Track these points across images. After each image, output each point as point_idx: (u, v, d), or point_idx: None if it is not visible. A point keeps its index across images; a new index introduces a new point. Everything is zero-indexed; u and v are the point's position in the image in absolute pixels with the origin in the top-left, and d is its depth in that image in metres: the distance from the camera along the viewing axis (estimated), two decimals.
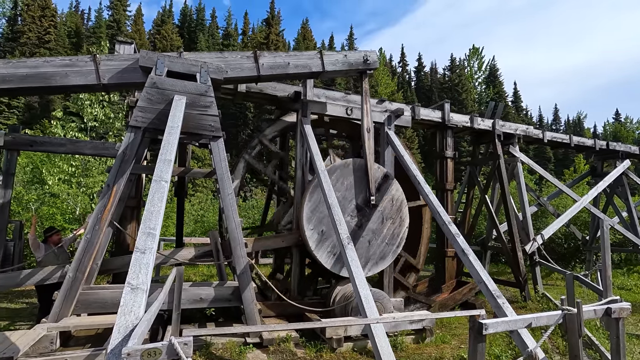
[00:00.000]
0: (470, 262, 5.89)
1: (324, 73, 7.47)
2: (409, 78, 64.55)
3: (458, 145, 35.12)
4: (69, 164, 13.89)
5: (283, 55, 7.18)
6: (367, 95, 7.84)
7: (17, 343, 4.59)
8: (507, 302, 5.37)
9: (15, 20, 45.01)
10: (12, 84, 5.55)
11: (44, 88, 5.83)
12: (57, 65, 5.76)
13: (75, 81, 5.82)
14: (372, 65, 7.78)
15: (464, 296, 9.30)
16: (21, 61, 5.67)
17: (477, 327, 3.61)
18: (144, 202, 7.37)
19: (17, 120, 33.03)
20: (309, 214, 7.30)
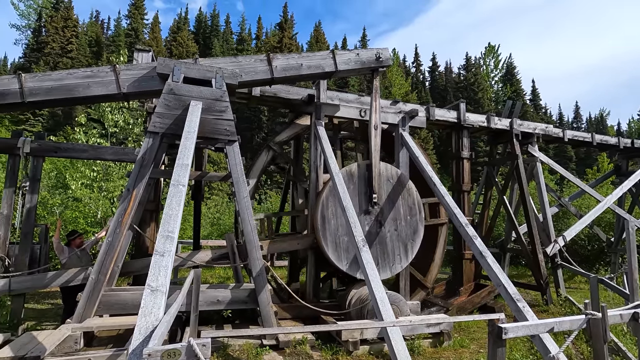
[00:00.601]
0: (489, 264, 5.78)
1: (337, 72, 7.48)
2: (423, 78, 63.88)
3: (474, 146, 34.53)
4: (91, 169, 14.34)
5: (296, 56, 7.24)
6: (377, 93, 7.81)
7: (44, 343, 4.76)
8: (528, 305, 5.24)
9: (40, 31, 46.87)
10: (39, 97, 5.80)
11: (69, 100, 6.07)
12: (79, 77, 5.98)
13: (97, 92, 6.02)
14: (384, 63, 7.74)
15: (483, 299, 9.11)
16: (46, 74, 5.92)
17: (496, 331, 3.54)
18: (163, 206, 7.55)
19: (41, 127, 34.31)
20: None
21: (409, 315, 6.67)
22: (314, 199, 7.91)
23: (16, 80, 5.70)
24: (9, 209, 6.93)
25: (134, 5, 52.01)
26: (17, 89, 5.69)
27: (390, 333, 4.56)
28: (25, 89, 5.71)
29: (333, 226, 7.37)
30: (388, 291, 6.12)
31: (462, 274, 9.81)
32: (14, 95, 5.68)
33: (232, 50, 52.66)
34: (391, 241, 7.75)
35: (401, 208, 7.95)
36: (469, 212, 10.14)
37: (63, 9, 46.47)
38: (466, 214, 9.56)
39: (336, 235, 7.36)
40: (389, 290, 6.56)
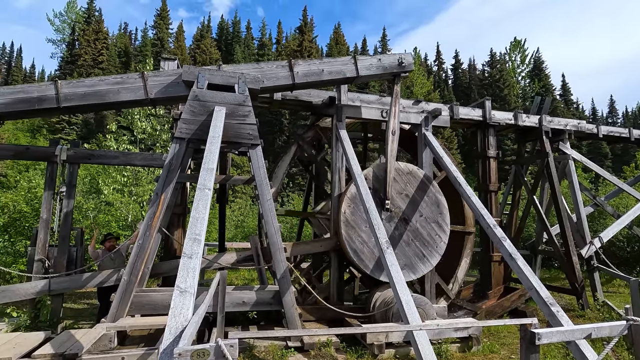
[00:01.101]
0: (519, 267, 5.57)
1: (358, 78, 7.48)
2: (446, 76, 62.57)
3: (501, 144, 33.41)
4: (122, 174, 14.95)
5: (317, 62, 7.28)
6: (397, 97, 7.73)
7: (81, 341, 5.00)
8: (562, 310, 5.00)
9: (73, 44, 49.46)
10: (73, 102, 6.14)
11: (100, 105, 6.38)
12: (110, 83, 6.29)
13: (126, 97, 6.30)
14: (407, 68, 7.68)
15: (513, 303, 8.79)
16: (80, 81, 6.27)
17: (529, 337, 3.40)
18: (189, 209, 7.75)
19: (75, 135, 36.12)
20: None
21: (435, 318, 6.52)
22: (336, 200, 7.91)
23: (53, 87, 6.07)
24: (48, 213, 7.33)
25: (160, 16, 53.97)
26: (54, 94, 6.05)
27: (417, 337, 4.48)
28: (60, 95, 6.07)
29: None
30: (413, 294, 6.01)
31: (491, 277, 9.50)
32: (50, 101, 6.05)
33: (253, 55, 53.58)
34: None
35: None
36: (497, 213, 9.82)
37: (94, 22, 48.85)
38: (494, 215, 9.27)
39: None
40: (414, 293, 6.44)
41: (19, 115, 6.43)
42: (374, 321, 6.78)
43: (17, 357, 4.65)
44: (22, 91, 6.02)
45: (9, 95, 5.92)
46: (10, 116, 6.32)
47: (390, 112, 7.69)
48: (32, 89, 6.09)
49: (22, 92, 6.00)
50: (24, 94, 5.99)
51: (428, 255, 7.66)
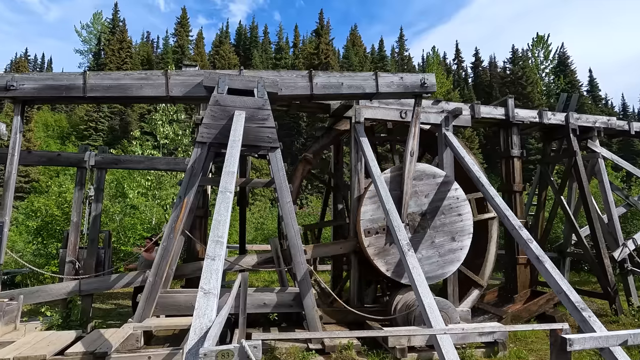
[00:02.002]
0: (547, 269, 5.37)
1: (377, 94, 7.38)
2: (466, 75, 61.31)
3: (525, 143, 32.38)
4: (146, 178, 15.42)
5: (337, 75, 7.26)
6: (417, 118, 7.55)
7: (110, 340, 5.17)
8: (595, 315, 4.79)
9: (99, 54, 51.53)
10: (97, 93, 6.48)
11: (122, 98, 6.72)
12: (134, 78, 6.60)
13: (147, 92, 6.58)
14: (429, 89, 7.46)
15: (541, 307, 8.49)
16: (107, 74, 6.68)
17: (560, 343, 3.28)
18: (210, 212, 7.90)
19: (102, 141, 37.52)
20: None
21: (458, 322, 6.38)
22: (355, 202, 7.87)
23: (81, 77, 6.45)
24: (78, 216, 7.64)
25: (180, 24, 55.49)
26: (81, 84, 6.42)
27: (441, 341, 4.39)
28: (87, 85, 6.43)
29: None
30: (436, 297, 5.90)
31: (516, 280, 9.21)
32: (77, 90, 6.41)
33: (270, 59, 54.20)
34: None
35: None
36: (522, 214, 9.52)
37: (118, 32, 50.72)
38: (519, 216, 8.99)
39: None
40: (437, 296, 6.32)
41: (47, 100, 6.87)
42: (395, 324, 6.70)
43: (51, 354, 4.86)
44: (52, 78, 6.45)
45: (40, 81, 6.37)
46: (40, 100, 6.73)
47: (410, 133, 7.49)
48: (63, 77, 6.49)
49: (52, 80, 6.42)
50: (53, 81, 6.40)
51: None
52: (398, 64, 62.08)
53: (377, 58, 57.43)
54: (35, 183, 29.16)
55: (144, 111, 39.76)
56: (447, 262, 7.46)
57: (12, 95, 6.23)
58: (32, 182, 29.78)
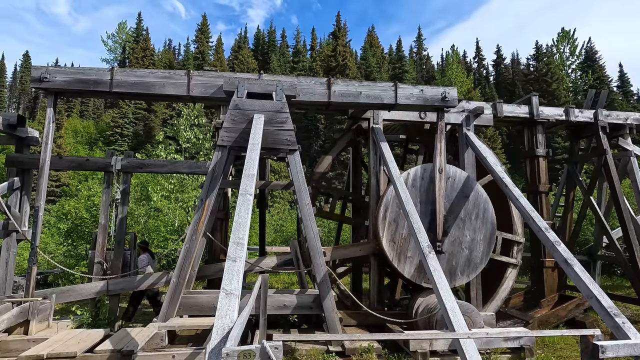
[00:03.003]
0: (576, 273, 5.16)
1: (395, 106, 7.31)
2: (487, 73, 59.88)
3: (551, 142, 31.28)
4: (169, 182, 15.85)
5: (356, 84, 7.24)
6: (442, 133, 7.39)
7: (136, 338, 5.34)
8: (629, 322, 4.56)
9: (124, 62, 53.47)
10: (122, 89, 6.79)
11: (145, 95, 6.98)
12: (158, 76, 6.87)
13: (170, 91, 6.83)
14: (450, 103, 7.32)
15: (570, 313, 8.15)
16: (133, 71, 6.97)
17: (591, 350, 3.14)
18: (231, 214, 8.02)
19: (127, 146, 38.85)
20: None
21: (482, 327, 6.21)
22: (374, 204, 7.82)
23: (109, 73, 6.78)
24: (106, 219, 7.93)
25: (200, 30, 56.86)
26: (108, 79, 6.73)
27: (464, 345, 4.29)
28: (114, 81, 6.74)
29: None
30: (458, 300, 5.77)
31: (543, 284, 8.88)
32: (104, 85, 6.73)
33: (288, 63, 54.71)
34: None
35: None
36: (549, 216, 9.18)
37: (142, 41, 52.51)
38: (545, 218, 8.67)
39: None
40: (460, 300, 6.18)
41: (76, 94, 7.23)
42: (416, 328, 6.59)
43: (81, 351, 5.06)
44: (82, 72, 6.80)
45: (71, 74, 6.75)
46: (70, 93, 7.08)
47: (435, 149, 7.32)
48: (92, 72, 6.83)
49: (82, 74, 6.77)
50: (83, 75, 6.75)
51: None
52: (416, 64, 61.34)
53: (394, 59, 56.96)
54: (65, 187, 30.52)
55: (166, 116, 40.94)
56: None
57: (46, 87, 6.59)
58: (63, 186, 31.18)
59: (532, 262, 9.39)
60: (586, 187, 10.19)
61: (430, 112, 8.27)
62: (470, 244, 7.33)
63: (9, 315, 5.72)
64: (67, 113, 49.46)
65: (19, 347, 5.37)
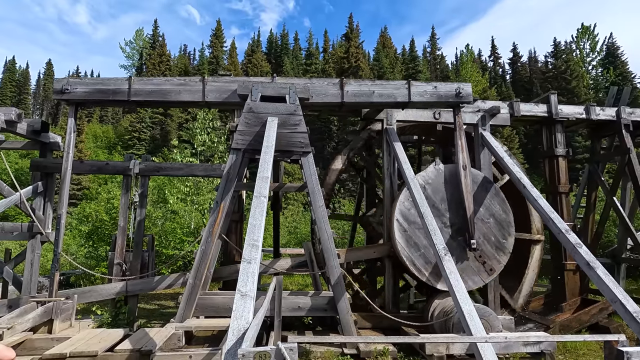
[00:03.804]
0: (599, 276, 5.00)
1: (409, 104, 7.27)
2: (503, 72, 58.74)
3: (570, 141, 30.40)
4: (185, 184, 16.13)
5: (369, 83, 7.23)
6: (461, 129, 7.30)
7: (154, 338, 5.44)
8: None
9: (141, 68, 54.79)
10: (140, 97, 6.96)
11: (162, 102, 7.15)
12: (174, 84, 7.02)
13: (185, 98, 6.97)
14: (465, 99, 7.24)
15: (593, 317, 7.89)
16: (149, 79, 7.14)
17: (616, 356, 3.03)
18: (246, 216, 8.09)
19: (144, 150, 39.75)
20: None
21: (501, 331, 6.07)
22: (389, 206, 7.76)
23: (127, 82, 6.97)
24: (125, 221, 8.13)
25: (214, 35, 57.76)
26: (126, 89, 6.92)
27: (482, 350, 4.20)
28: (132, 90, 6.92)
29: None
30: (475, 304, 5.66)
31: (564, 287, 8.62)
32: (122, 94, 6.92)
33: (301, 65, 54.95)
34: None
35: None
36: (569, 217, 8.93)
37: (158, 47, 53.70)
38: (565, 219, 8.43)
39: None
40: (477, 303, 6.06)
41: (96, 104, 7.43)
42: (432, 331, 6.50)
43: (102, 350, 5.19)
44: (101, 83, 7.01)
45: (91, 85, 6.96)
46: (90, 104, 7.30)
47: (457, 145, 7.25)
48: (110, 82, 7.03)
49: (101, 84, 6.98)
50: (102, 86, 6.96)
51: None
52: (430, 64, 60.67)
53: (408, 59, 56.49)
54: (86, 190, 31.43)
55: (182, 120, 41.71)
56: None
57: (67, 98, 6.82)
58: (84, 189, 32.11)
59: (553, 264, 9.14)
60: (609, 188, 9.86)
61: (445, 112, 8.18)
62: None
63: (34, 314, 5.93)
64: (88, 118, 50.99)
65: (43, 345, 5.55)
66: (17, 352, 3.96)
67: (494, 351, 4.21)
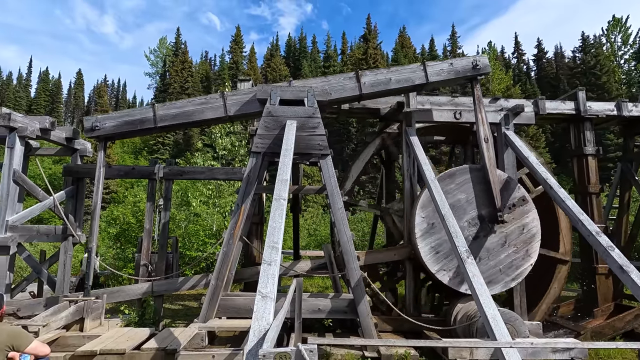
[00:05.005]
0: (634, 281, 4.76)
1: (427, 84, 7.28)
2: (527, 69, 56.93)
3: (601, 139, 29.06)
4: (207, 187, 16.50)
5: (384, 71, 7.26)
6: (480, 102, 7.24)
7: (179, 338, 5.59)
8: None
9: (165, 75, 56.50)
10: (166, 122, 7.13)
11: (188, 123, 7.29)
12: (196, 104, 7.14)
13: (209, 115, 7.09)
14: (482, 70, 7.24)
15: (628, 324, 7.50)
16: (172, 104, 7.29)
17: None
18: (266, 218, 8.20)
19: (168, 154, 40.93)
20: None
21: (527, 337, 5.87)
22: (409, 207, 7.67)
23: (151, 110, 7.14)
24: (150, 224, 8.39)
25: (234, 41, 58.90)
26: (152, 116, 7.10)
27: (507, 355, 4.07)
28: (157, 116, 7.10)
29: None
30: (500, 308, 5.50)
31: (596, 292, 8.25)
32: (149, 122, 7.11)
33: (319, 68, 55.19)
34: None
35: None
36: (600, 218, 8.55)
37: (181, 54, 55.24)
38: (596, 221, 8.08)
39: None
40: (502, 308, 5.89)
41: (125, 135, 7.61)
42: (455, 336, 6.36)
43: (130, 348, 5.38)
44: (128, 115, 7.21)
45: (118, 118, 7.16)
46: (119, 136, 7.51)
47: (477, 120, 7.22)
48: (135, 112, 7.25)
49: (128, 116, 7.18)
50: (129, 117, 7.16)
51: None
52: None
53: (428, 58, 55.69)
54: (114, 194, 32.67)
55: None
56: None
57: (97, 134, 7.05)
58: (112, 193, 33.38)
59: (583, 268, 8.76)
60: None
61: (466, 112, 8.01)
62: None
63: (67, 313, 6.22)
64: None
65: (75, 342, 5.80)
66: (51, 348, 4.17)
67: (520, 357, 4.08)
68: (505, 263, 6.91)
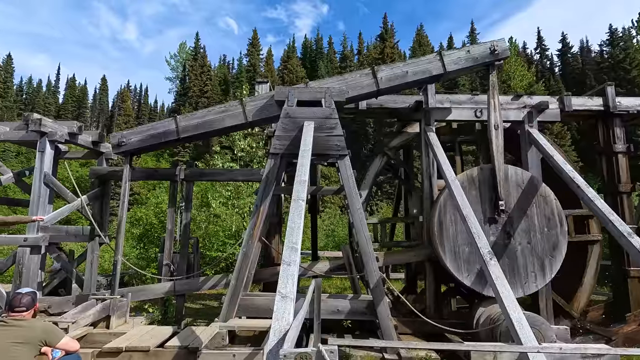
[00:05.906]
0: None
1: (445, 74, 7.15)
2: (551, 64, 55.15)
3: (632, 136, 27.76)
4: (226, 189, 16.75)
5: (400, 65, 7.20)
6: (494, 89, 7.10)
7: (200, 337, 5.70)
8: None
9: (185, 79, 57.84)
10: (189, 133, 7.22)
11: (209, 132, 7.36)
12: (216, 112, 7.22)
13: (229, 123, 7.16)
14: (501, 55, 7.07)
15: None
16: (193, 114, 7.35)
17: None
18: (284, 219, 8.25)
19: (189, 157, 41.85)
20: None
21: (555, 342, 5.66)
22: (428, 207, 7.55)
23: (173, 122, 7.23)
24: (172, 224, 8.60)
25: (251, 44, 59.72)
26: (174, 128, 7.20)
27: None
28: (179, 128, 7.18)
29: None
30: (526, 312, 5.33)
31: (628, 296, 7.87)
32: (172, 134, 7.22)
33: (335, 69, 55.19)
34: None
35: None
36: (632, 219, 8.16)
37: (200, 58, 56.44)
38: (628, 221, 7.72)
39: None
40: (527, 311, 5.70)
41: (150, 149, 7.73)
42: (477, 339, 6.21)
43: (154, 346, 5.52)
44: (152, 128, 7.35)
45: (143, 132, 7.30)
46: (144, 150, 7.66)
47: (489, 105, 7.07)
48: (159, 125, 7.36)
49: (152, 129, 7.32)
50: (153, 131, 7.28)
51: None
52: None
53: None
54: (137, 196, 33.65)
55: None
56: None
57: (124, 150, 7.20)
58: (135, 194, 34.41)
59: (613, 271, 8.38)
60: None
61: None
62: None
63: (94, 310, 6.45)
64: None
65: (102, 339, 6.00)
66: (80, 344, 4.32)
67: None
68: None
